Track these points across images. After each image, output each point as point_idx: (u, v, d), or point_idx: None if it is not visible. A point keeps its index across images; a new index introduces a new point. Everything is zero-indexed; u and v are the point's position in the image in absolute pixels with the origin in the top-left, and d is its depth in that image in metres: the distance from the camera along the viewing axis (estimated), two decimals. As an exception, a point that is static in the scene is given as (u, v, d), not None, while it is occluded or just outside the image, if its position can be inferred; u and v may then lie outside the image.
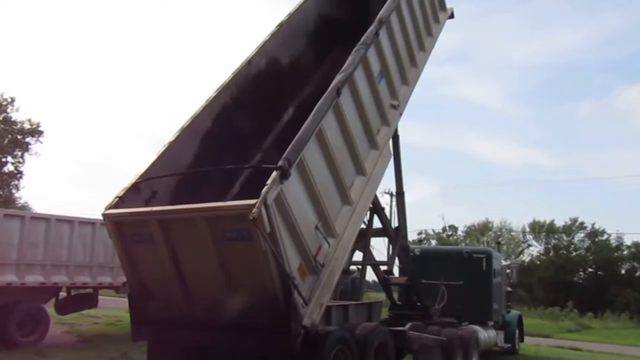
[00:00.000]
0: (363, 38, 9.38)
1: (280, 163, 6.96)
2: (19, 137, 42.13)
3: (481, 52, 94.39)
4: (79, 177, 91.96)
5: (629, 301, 43.49)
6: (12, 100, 41.85)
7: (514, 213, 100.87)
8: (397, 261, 12.93)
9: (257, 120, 10.30)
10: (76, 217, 16.27)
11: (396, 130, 11.83)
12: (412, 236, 51.45)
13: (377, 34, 9.63)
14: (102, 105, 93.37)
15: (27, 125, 42.24)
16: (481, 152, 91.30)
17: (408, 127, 79.84)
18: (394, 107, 10.45)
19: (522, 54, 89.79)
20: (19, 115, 42.32)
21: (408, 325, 11.24)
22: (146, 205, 7.95)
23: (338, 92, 8.38)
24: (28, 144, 42.41)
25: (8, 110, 41.83)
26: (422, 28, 11.92)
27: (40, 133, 42.40)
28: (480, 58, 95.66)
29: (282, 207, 6.94)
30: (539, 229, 55.75)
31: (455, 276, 14.26)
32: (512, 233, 56.88)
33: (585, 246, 53.33)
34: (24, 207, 48.44)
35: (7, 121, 41.83)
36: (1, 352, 13.36)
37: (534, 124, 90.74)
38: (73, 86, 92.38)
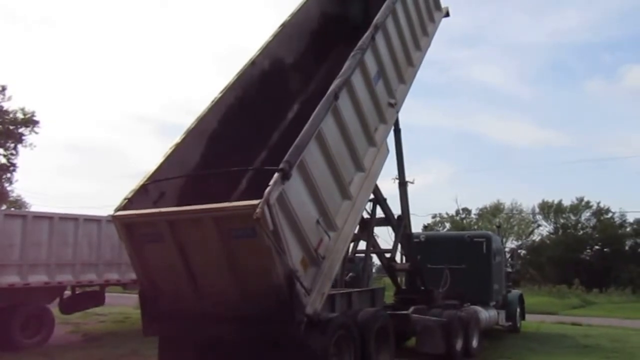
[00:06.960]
0: (360, 43, 9.60)
1: (281, 165, 7.30)
2: (10, 127, 38.78)
3: (489, 34, 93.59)
4: (77, 166, 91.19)
5: (632, 276, 43.92)
6: (4, 88, 38.57)
7: (525, 194, 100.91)
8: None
9: (262, 119, 10.48)
10: (81, 214, 16.22)
11: (397, 124, 12.25)
12: (426, 220, 52.14)
13: (373, 38, 9.86)
14: (98, 93, 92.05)
15: (20, 115, 38.83)
16: (493, 133, 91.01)
17: (422, 110, 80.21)
18: (391, 105, 10.70)
19: (529, 34, 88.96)
20: (10, 104, 39.00)
21: (411, 308, 11.73)
22: (154, 205, 8.05)
23: (336, 96, 8.64)
24: (21, 134, 39.03)
25: (-1, 99, 38.40)
26: (418, 29, 12.13)
27: (35, 123, 39.12)
28: (488, 40, 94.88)
29: (284, 206, 7.27)
30: (548, 209, 56.11)
31: (458, 260, 14.77)
32: (523, 214, 57.27)
33: (591, 224, 53.71)
34: (17, 201, 47.16)
35: (-2, 111, 38.49)
36: (6, 355, 12.98)
37: (544, 104, 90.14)
38: (68, 74, 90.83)
